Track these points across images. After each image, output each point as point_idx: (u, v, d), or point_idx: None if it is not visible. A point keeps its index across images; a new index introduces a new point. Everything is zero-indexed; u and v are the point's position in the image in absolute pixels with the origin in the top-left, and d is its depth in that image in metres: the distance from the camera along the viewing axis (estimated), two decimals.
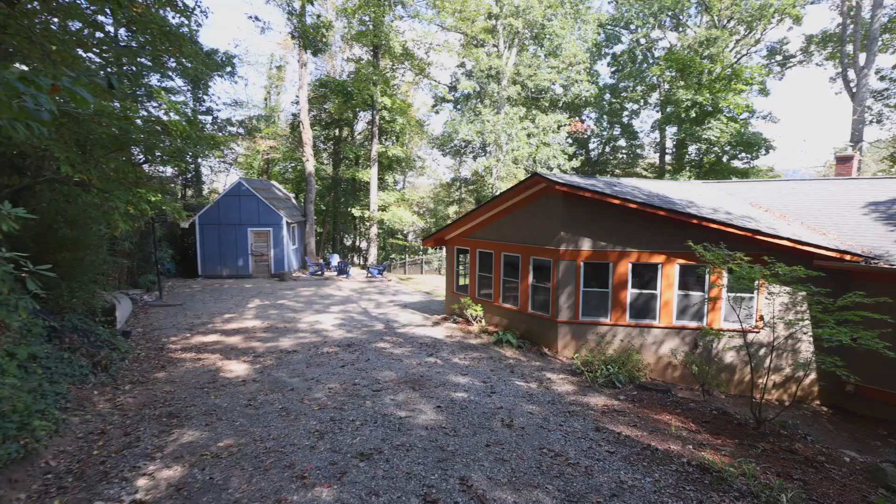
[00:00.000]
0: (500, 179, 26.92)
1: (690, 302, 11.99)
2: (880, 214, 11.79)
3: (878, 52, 20.97)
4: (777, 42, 27.43)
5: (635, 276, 12.17)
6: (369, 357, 10.43)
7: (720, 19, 25.80)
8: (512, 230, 13.98)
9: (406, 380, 8.66)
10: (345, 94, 27.49)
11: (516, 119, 25.82)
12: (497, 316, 14.50)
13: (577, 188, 12.01)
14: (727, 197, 15.01)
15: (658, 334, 12.14)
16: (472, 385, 8.30)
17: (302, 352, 10.70)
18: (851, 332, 5.75)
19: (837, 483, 5.06)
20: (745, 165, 26.10)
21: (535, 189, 13.04)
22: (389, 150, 28.62)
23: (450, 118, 31.30)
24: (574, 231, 12.35)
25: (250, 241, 22.56)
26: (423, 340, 12.54)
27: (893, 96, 22.68)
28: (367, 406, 7.19)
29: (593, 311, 12.44)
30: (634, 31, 30.35)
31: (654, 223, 11.85)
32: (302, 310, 15.83)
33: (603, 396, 7.75)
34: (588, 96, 28.54)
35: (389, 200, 28.78)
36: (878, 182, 13.68)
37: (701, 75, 24.41)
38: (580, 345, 12.55)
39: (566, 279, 12.45)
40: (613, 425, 6.33)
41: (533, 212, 13.30)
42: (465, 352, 11.45)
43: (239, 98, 30.11)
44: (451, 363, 10.14)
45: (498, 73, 27.12)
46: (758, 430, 6.61)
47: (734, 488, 4.45)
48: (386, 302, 18.50)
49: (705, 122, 24.10)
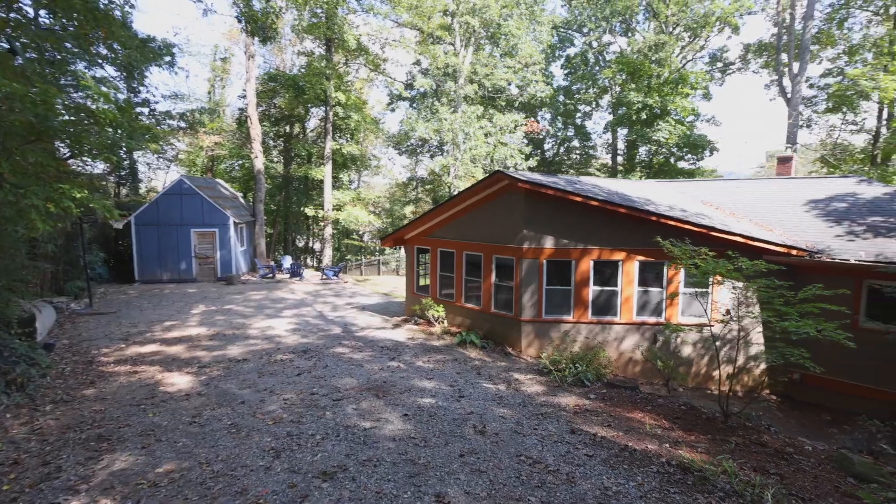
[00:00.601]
0: (458, 178, 26.71)
1: (650, 298, 12.16)
2: (820, 211, 12.42)
3: (810, 61, 22.46)
4: (718, 50, 28.89)
5: (597, 274, 12.21)
6: (327, 363, 9.82)
7: (667, 25, 26.83)
8: (474, 229, 13.72)
9: (369, 386, 8.16)
10: (296, 88, 26.37)
11: (474, 118, 25.69)
12: (459, 316, 14.20)
13: (539, 185, 11.89)
14: (680, 195, 15.44)
15: (619, 330, 12.23)
16: (440, 389, 7.92)
17: (253, 360, 9.93)
18: (816, 325, 5.85)
19: (810, 475, 5.08)
20: (692, 166, 27.28)
21: (497, 187, 12.83)
22: (344, 148, 27.75)
23: (406, 116, 30.79)
24: (536, 229, 12.23)
25: (194, 243, 21.11)
26: (385, 344, 12.03)
27: (821, 103, 24.37)
28: (327, 417, 6.64)
29: (556, 309, 12.38)
30: (587, 34, 31.06)
31: (614, 220, 11.92)
32: (252, 315, 14.88)
33: (573, 396, 7.59)
34: (543, 97, 28.88)
35: (345, 200, 27.90)
36: (816, 181, 14.48)
37: (650, 79, 25.28)
38: (544, 343, 12.46)
39: (529, 277, 12.31)
40: (588, 426, 6.14)
41: (495, 210, 13.09)
42: (428, 354, 11.05)
43: (180, 91, 28.28)
44: (416, 367, 9.72)
45: (455, 71, 26.90)
46: (726, 423, 6.64)
47: (718, 488, 4.32)
48: (343, 304, 17.79)
49: (655, 124, 24.97)
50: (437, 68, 27.03)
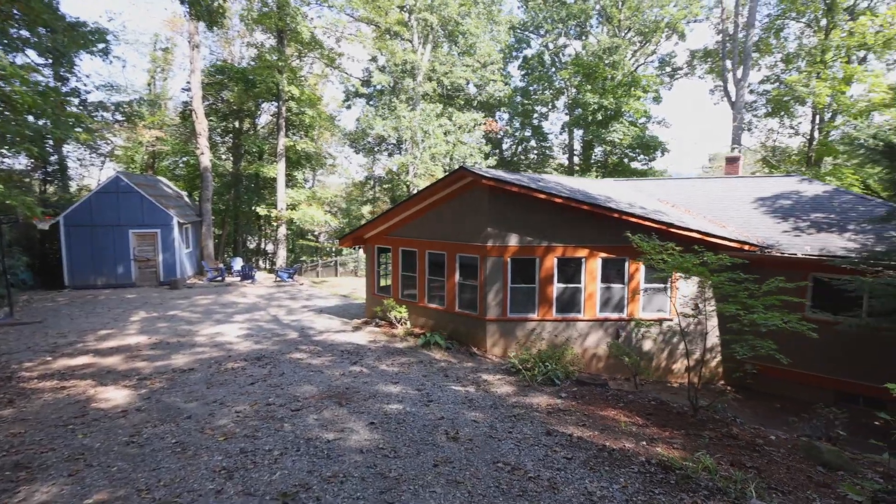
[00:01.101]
0: (417, 177, 26.30)
1: (612, 294, 12.26)
2: (768, 208, 12.95)
3: (752, 68, 23.73)
4: (666, 55, 30.03)
5: (561, 271, 12.18)
6: (284, 370, 9.20)
7: (620, 30, 27.59)
8: (436, 227, 13.39)
9: (330, 394, 7.64)
10: (245, 81, 25.11)
11: (433, 116, 25.38)
12: (423, 317, 13.82)
13: (503, 182, 11.72)
14: (637, 193, 15.75)
15: (583, 327, 12.26)
16: (406, 394, 7.52)
17: (201, 370, 9.15)
18: (782, 316, 5.94)
19: (783, 466, 5.09)
20: (644, 166, 28.20)
21: (461, 184, 12.56)
22: (298, 145, 26.69)
23: (363, 113, 30.07)
24: (501, 227, 12.05)
25: (133, 245, 19.59)
26: (345, 347, 11.48)
27: (761, 108, 25.80)
28: (286, 430, 6.10)
29: (521, 308, 12.25)
30: (543, 35, 31.46)
31: (577, 218, 11.93)
32: (199, 321, 13.89)
33: (544, 395, 7.40)
34: (502, 97, 28.96)
35: (299, 198, 26.83)
36: (763, 180, 15.17)
37: (605, 81, 25.88)
38: (509, 342, 12.30)
39: (494, 276, 12.12)
40: (562, 427, 5.94)
41: (458, 207, 12.82)
42: (392, 357, 10.61)
43: (116, 82, 26.17)
44: (379, 371, 9.26)
45: (413, 68, 26.49)
46: (696, 417, 6.65)
47: (701, 486, 4.20)
48: (299, 308, 16.99)
49: (610, 125, 25.58)
50: (394, 65, 26.53)
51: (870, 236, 10.57)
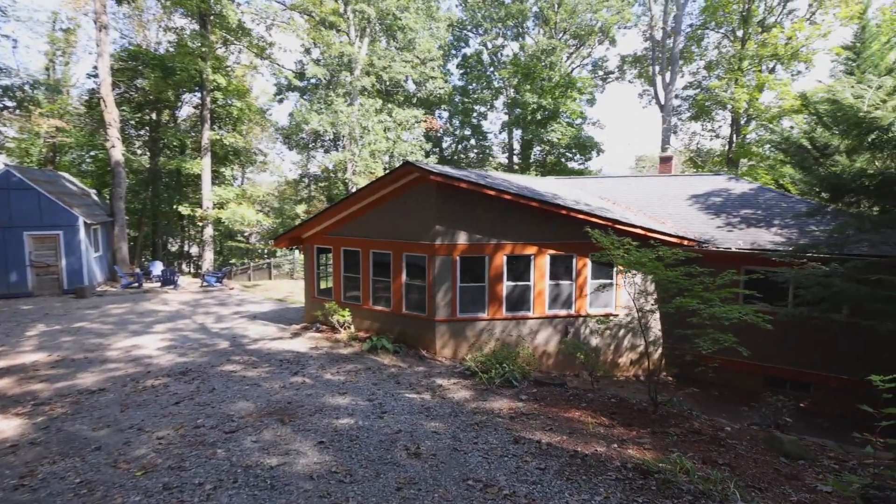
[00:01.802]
0: (356, 175, 25.34)
1: (561, 291, 12.27)
2: (702, 205, 13.56)
3: (678, 73, 25.20)
4: (599, 59, 31.22)
5: (510, 269, 12.01)
6: (214, 385, 8.21)
7: (557, 32, 28.25)
8: (381, 225, 12.75)
9: (270, 410, 6.84)
10: (164, 69, 22.91)
11: (372, 111, 24.57)
12: (368, 320, 13.13)
13: (451, 179, 11.34)
14: (579, 191, 16.00)
15: (533, 325, 12.17)
16: (357, 406, 6.90)
17: (113, 390, 7.95)
18: (740, 309, 6.01)
19: (749, 459, 5.09)
20: (581, 166, 29.10)
21: (407, 180, 12.02)
22: (226, 139, 24.79)
23: (297, 108, 28.60)
24: (449, 224, 11.66)
25: (28, 249, 17.15)
26: (284, 356, 10.57)
27: (684, 112, 27.48)
28: (219, 457, 5.29)
29: (471, 307, 11.94)
30: (483, 34, 31.56)
31: (526, 215, 11.80)
32: (112, 333, 12.30)
33: (505, 399, 7.08)
34: (442, 94, 28.66)
35: (228, 197, 24.94)
36: (695, 178, 15.96)
37: (543, 81, 26.36)
38: (459, 343, 11.95)
39: (442, 275, 11.71)
40: (528, 432, 5.63)
41: (405, 204, 12.27)
42: (336, 365, 9.87)
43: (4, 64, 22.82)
44: (324, 381, 8.53)
45: (350, 61, 25.49)
46: (656, 413, 6.61)
47: (683, 490, 4.01)
48: (230, 314, 15.65)
49: (548, 124, 26.09)
50: (331, 57, 25.40)
51: (793, 231, 11.28)
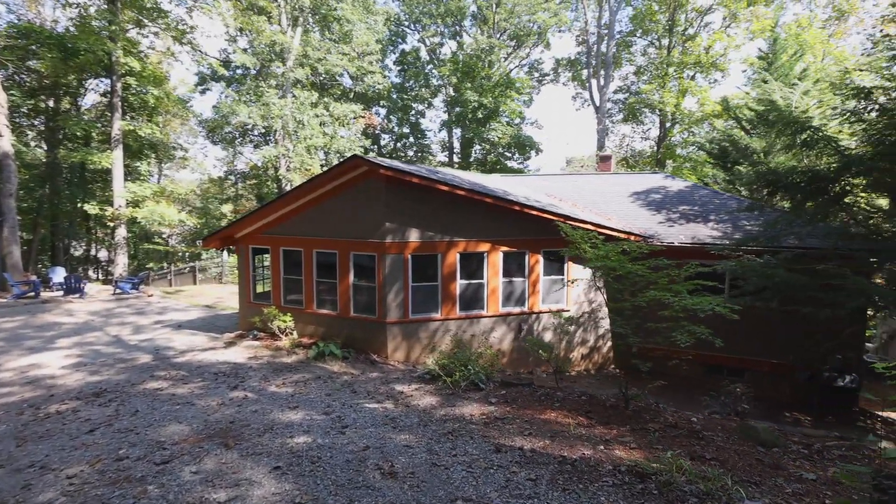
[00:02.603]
0: (291, 171, 23.90)
1: (514, 288, 12.12)
2: (643, 202, 14.03)
3: (611, 77, 26.31)
4: (535, 61, 31.89)
5: (464, 267, 11.67)
6: (137, 407, 7.10)
7: (495, 31, 28.45)
8: (326, 223, 11.91)
9: (210, 433, 5.95)
10: (63, 49, 20.20)
11: (307, 105, 23.28)
12: (312, 325, 12.22)
13: (403, 173, 10.79)
14: (526, 189, 16.03)
15: (487, 323, 11.91)
16: (312, 421, 6.18)
17: (6, 419, 6.62)
18: (710, 301, 6.04)
19: (732, 451, 5.07)
20: (520, 165, 29.53)
21: (354, 174, 11.30)
22: (141, 130, 22.34)
23: (221, 100, 26.53)
24: (400, 221, 11.10)
25: None
26: (219, 369, 9.49)
27: (615, 114, 28.79)
28: (151, 495, 4.42)
29: (424, 308, 11.47)
30: (421, 30, 31.11)
31: (479, 211, 11.52)
32: (2, 351, 10.48)
33: (474, 403, 6.67)
34: (381, 89, 27.86)
35: (144, 194, 22.51)
36: (635, 177, 16.55)
37: (483, 80, 26.40)
38: (412, 345, 11.44)
39: (393, 275, 11.13)
40: (508, 439, 5.26)
41: (352, 201, 11.53)
42: (281, 375, 8.99)
43: None
44: (269, 394, 7.67)
45: (283, 50, 24.01)
46: (628, 408, 6.52)
47: (687, 492, 3.81)
48: (150, 324, 14.02)
49: (488, 123, 26.16)
50: (261, 46, 23.77)
51: (728, 225, 11.90)
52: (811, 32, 19.18)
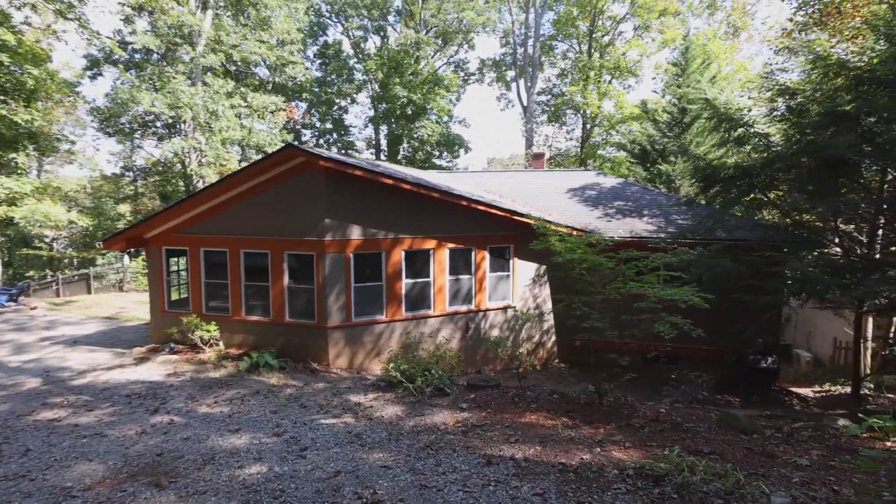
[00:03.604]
0: (204, 166, 21.71)
1: (461, 286, 11.79)
2: (580, 198, 14.37)
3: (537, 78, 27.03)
4: (460, 60, 31.91)
5: (409, 265, 11.13)
6: (29, 445, 5.76)
7: (422, 27, 27.99)
8: (256, 220, 10.77)
9: (133, 471, 4.89)
10: None
11: (222, 94, 21.27)
12: (241, 333, 11.00)
13: (344, 165, 10.04)
14: (465, 185, 15.80)
15: (434, 323, 11.47)
16: (262, 445, 5.33)
17: None
18: (686, 291, 6.06)
19: (723, 443, 5.06)
20: (448, 163, 29.37)
21: (289, 166, 10.31)
22: (16, 115, 18.98)
23: (115, 87, 23.48)
24: (341, 217, 10.31)
25: None
26: (132, 390, 8.14)
27: (539, 115, 29.65)
28: None
29: (368, 310, 10.77)
30: (345, 22, 29.81)
31: (424, 206, 11.05)
32: None
33: (444, 410, 6.17)
34: (303, 81, 26.25)
35: (22, 190, 19.17)
36: (569, 173, 16.96)
37: (412, 76, 25.85)
38: (356, 350, 10.69)
39: (335, 275, 10.31)
40: (494, 448, 4.84)
41: (286, 195, 10.52)
42: (212, 393, 7.87)
43: None
44: (201, 416, 6.61)
45: (192, 33, 21.72)
46: (603, 405, 6.40)
47: (707, 493, 3.63)
48: (36, 341, 11.89)
49: (417, 120, 25.67)
50: (166, 27, 21.32)
51: (661, 220, 12.48)
52: (716, 44, 21.14)
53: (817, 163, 8.43)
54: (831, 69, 8.11)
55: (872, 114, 7.76)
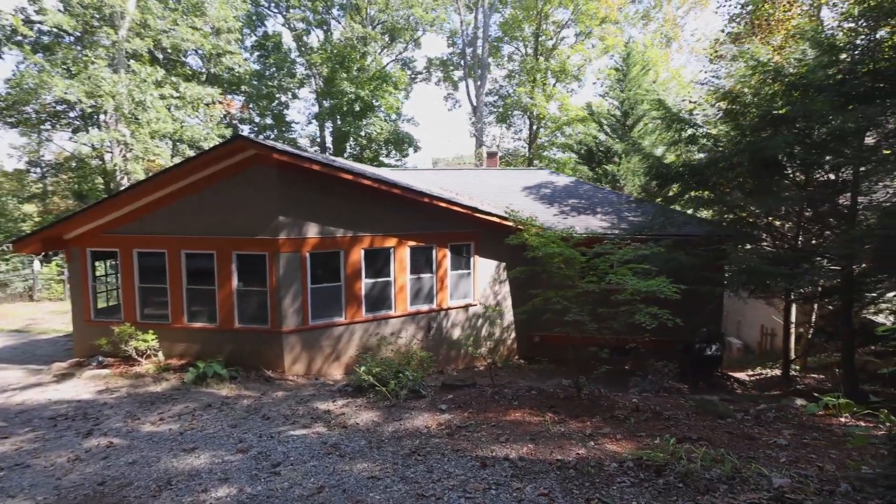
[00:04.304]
0: (132, 161, 19.81)
1: (422, 285, 11.51)
2: (535, 196, 14.53)
3: (486, 79, 27.18)
4: (408, 59, 31.52)
5: (369, 264, 10.69)
6: None
7: (368, 22, 27.28)
8: (199, 217, 9.89)
9: None
10: None
11: (150, 82, 19.52)
12: (183, 342, 10.05)
13: (300, 159, 9.47)
14: (419, 182, 15.50)
15: (396, 324, 11.10)
16: (226, 464, 4.76)
17: None
18: (659, 282, 6.15)
19: (704, 428, 5.13)
20: (398, 162, 28.86)
21: (238, 159, 9.54)
22: None
23: (19, 72, 20.95)
24: (296, 215, 9.71)
25: None
26: (56, 410, 7.15)
27: (487, 115, 29.93)
28: None
29: (326, 312, 10.22)
30: (286, 12, 28.43)
31: (384, 203, 10.66)
32: None
33: (423, 413, 5.85)
34: (242, 73, 24.73)
35: None
36: (523, 172, 17.12)
37: (359, 72, 25.10)
38: (314, 356, 10.11)
39: (290, 276, 9.69)
40: (484, 449, 4.60)
41: (235, 191, 9.75)
42: (155, 409, 7.06)
43: None
44: (146, 436, 5.87)
45: (113, 14, 19.76)
46: (581, 398, 6.36)
47: (710, 479, 3.58)
48: None
49: (365, 117, 24.98)
50: (82, 6, 19.24)
51: (613, 217, 12.87)
52: (653, 51, 22.34)
53: (755, 163, 8.99)
54: (769, 75, 8.64)
55: (805, 117, 8.36)
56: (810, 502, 3.07)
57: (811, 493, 3.17)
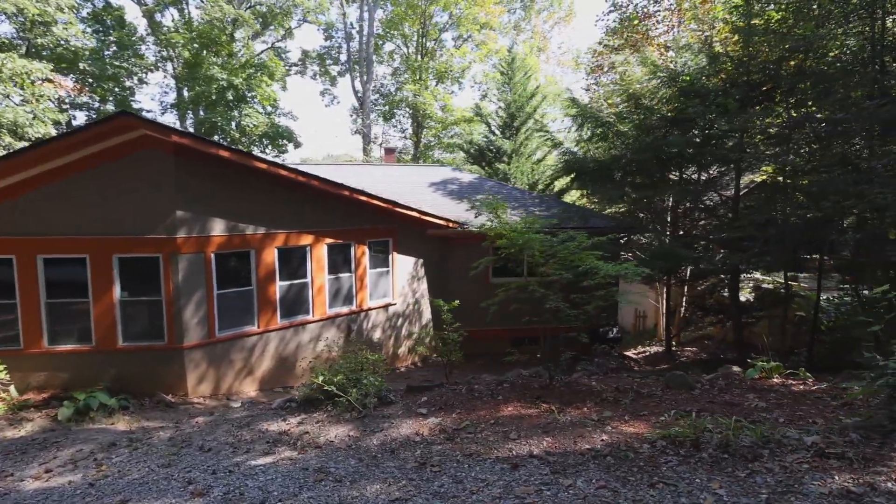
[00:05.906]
0: None
1: (341, 285, 10.76)
2: (444, 192, 14.58)
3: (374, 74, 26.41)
4: (280, 49, 29.13)
5: (284, 264, 9.68)
6: None
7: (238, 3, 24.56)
8: (64, 214, 7.95)
9: None
10: None
11: None
12: (44, 371, 7.99)
13: (204, 143, 8.21)
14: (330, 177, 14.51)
15: (314, 329, 10.21)
16: None
17: None
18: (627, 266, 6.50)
19: (689, 400, 5.47)
20: (276, 158, 26.49)
21: (119, 141, 7.86)
22: None
23: None
24: (198, 210, 8.37)
25: None
26: None
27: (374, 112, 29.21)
28: None
29: (236, 320, 9.00)
30: None
31: (297, 198, 9.74)
32: None
33: (405, 420, 5.32)
34: (80, 48, 20.42)
35: None
36: (428, 168, 17.01)
37: (229, 56, 22.46)
38: (223, 373, 8.84)
39: (192, 281, 8.31)
40: (501, 449, 4.28)
41: (114, 181, 8.03)
42: (29, 458, 5.43)
43: None
44: (31, 494, 4.45)
45: None
46: (556, 386, 6.46)
47: (749, 446, 3.77)
48: None
49: (240, 109, 22.52)
50: None
51: (522, 212, 13.45)
52: (532, 59, 24.03)
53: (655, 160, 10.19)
54: (663, 82, 9.80)
55: (692, 121, 9.70)
56: (850, 453, 3.45)
57: (842, 446, 3.58)
